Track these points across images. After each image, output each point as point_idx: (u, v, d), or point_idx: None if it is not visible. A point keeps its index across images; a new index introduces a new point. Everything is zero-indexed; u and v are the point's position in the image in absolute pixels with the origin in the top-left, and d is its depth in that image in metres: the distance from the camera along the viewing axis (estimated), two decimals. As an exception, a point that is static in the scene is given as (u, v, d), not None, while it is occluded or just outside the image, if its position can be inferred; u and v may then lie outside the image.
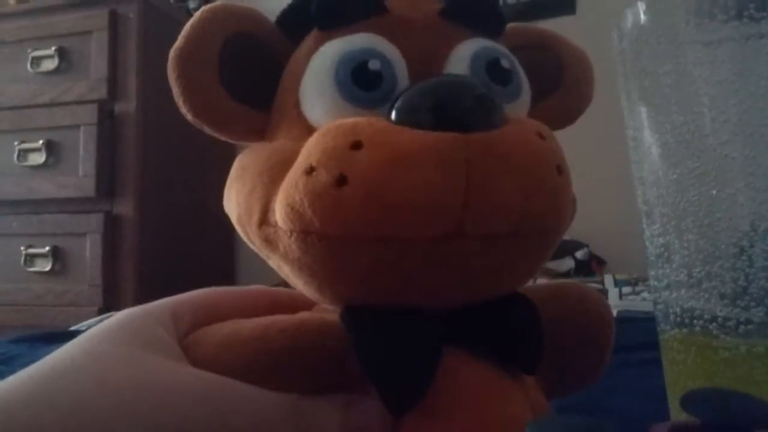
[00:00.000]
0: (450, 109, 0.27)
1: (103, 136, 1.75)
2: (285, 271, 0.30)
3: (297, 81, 0.31)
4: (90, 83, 1.78)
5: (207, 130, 0.32)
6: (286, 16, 0.33)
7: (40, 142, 1.77)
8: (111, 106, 1.77)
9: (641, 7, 0.35)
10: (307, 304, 0.32)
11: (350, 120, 0.27)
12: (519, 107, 0.32)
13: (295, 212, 0.26)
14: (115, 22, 1.79)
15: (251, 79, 0.32)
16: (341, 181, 0.25)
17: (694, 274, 0.34)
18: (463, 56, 0.31)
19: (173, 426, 0.24)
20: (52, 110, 1.80)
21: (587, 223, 1.86)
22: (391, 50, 0.30)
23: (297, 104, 0.31)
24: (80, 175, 1.74)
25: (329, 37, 0.31)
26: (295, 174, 0.27)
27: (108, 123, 1.76)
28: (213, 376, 0.26)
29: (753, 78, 0.32)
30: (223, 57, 0.31)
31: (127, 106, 1.77)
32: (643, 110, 0.36)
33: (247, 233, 0.31)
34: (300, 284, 0.30)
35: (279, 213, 0.27)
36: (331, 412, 0.27)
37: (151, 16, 1.84)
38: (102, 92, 1.77)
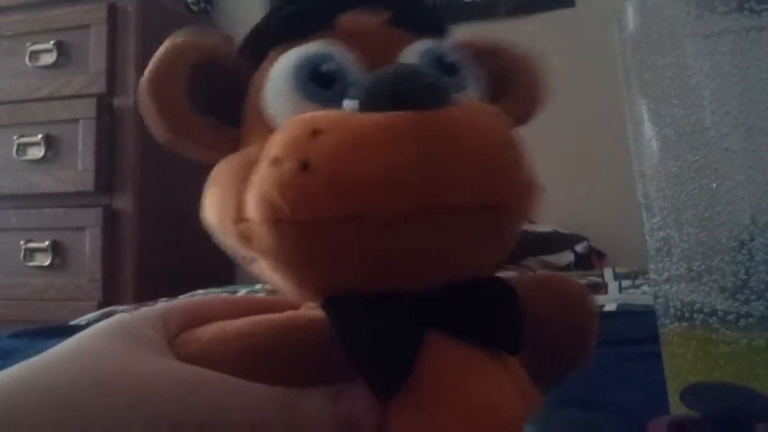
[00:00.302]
0: (401, 91, 0.28)
1: (102, 131, 1.75)
2: (265, 270, 0.31)
3: (259, 91, 0.33)
4: (89, 77, 1.78)
5: (182, 151, 0.34)
6: (246, 43, 0.36)
7: (39, 136, 1.77)
8: (110, 100, 1.77)
9: (641, 0, 0.35)
10: (293, 308, 0.33)
11: (309, 113, 0.29)
12: (468, 97, 0.33)
13: (265, 202, 0.27)
14: (113, 16, 1.79)
15: (219, 102, 0.34)
16: (305, 166, 0.27)
17: (694, 268, 0.34)
18: (412, 54, 0.33)
19: (163, 416, 0.24)
20: (51, 104, 1.79)
21: (587, 217, 1.87)
22: (344, 52, 0.33)
23: (261, 111, 0.33)
24: (79, 169, 1.74)
25: (286, 50, 0.33)
26: (262, 166, 0.28)
27: (107, 117, 1.76)
28: (201, 369, 0.26)
29: (753, 71, 0.32)
30: (191, 83, 0.33)
31: (126, 100, 1.76)
32: (643, 103, 0.36)
33: (225, 235, 0.32)
34: (279, 279, 0.31)
35: (251, 204, 0.28)
36: (319, 400, 0.27)
37: (150, 10, 1.84)
38: (101, 86, 1.76)
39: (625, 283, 1.12)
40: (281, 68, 0.32)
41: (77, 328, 1.03)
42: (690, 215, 0.34)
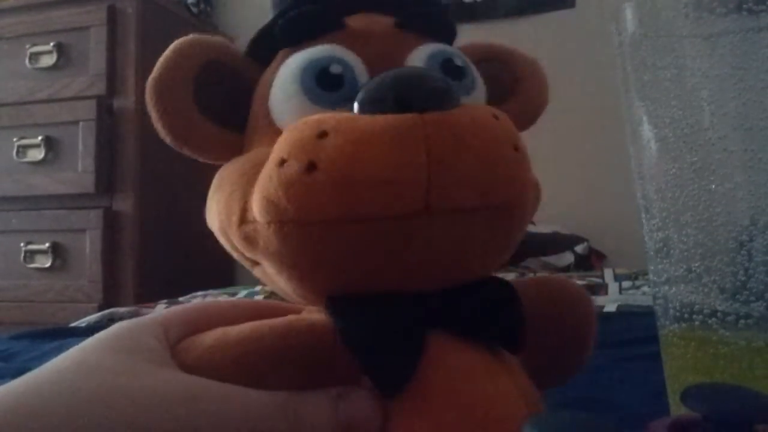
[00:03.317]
0: (408, 93, 0.28)
1: (102, 132, 1.75)
2: (268, 272, 0.31)
3: (266, 94, 0.33)
4: (89, 79, 1.78)
5: (187, 152, 0.33)
6: (254, 43, 0.36)
7: (39, 138, 1.77)
8: (110, 101, 1.77)
9: (640, 1, 0.35)
10: (294, 312, 0.33)
11: (315, 116, 0.29)
12: (474, 101, 0.34)
13: (270, 203, 0.28)
14: (113, 17, 1.79)
15: (226, 103, 0.34)
16: (311, 167, 0.27)
17: (694, 269, 0.34)
18: (419, 57, 0.33)
19: (161, 430, 0.24)
20: (51, 106, 1.79)
21: (587, 218, 1.87)
22: (350, 55, 0.32)
23: (267, 114, 0.33)
24: (79, 170, 1.74)
25: (293, 52, 0.33)
26: (268, 168, 0.28)
27: (107, 118, 1.76)
28: (201, 379, 0.26)
29: (752, 71, 0.32)
30: (198, 83, 0.33)
31: (126, 101, 1.76)
32: (642, 104, 0.36)
33: (229, 239, 0.32)
34: (283, 281, 0.31)
35: (256, 206, 0.28)
36: (321, 404, 0.27)
37: (150, 11, 1.84)
38: (101, 88, 1.76)
39: (625, 284, 1.12)
40: (288, 70, 0.32)
41: (77, 330, 1.03)
42: (689, 216, 0.34)
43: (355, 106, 0.29)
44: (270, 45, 0.34)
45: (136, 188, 1.76)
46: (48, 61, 1.81)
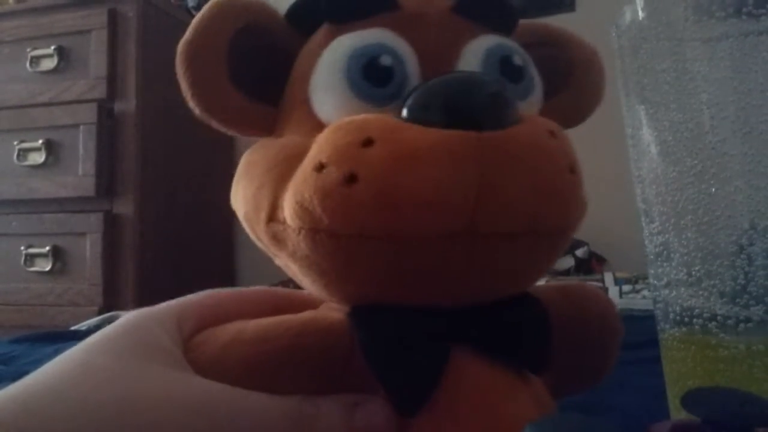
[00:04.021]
0: (462, 107, 0.26)
1: (102, 135, 1.75)
2: (292, 269, 0.30)
3: (307, 76, 0.30)
4: (89, 82, 1.78)
5: (215, 124, 0.31)
6: (296, 9, 0.33)
7: (40, 141, 1.77)
8: (111, 105, 1.77)
9: (640, 4, 0.35)
10: (312, 304, 0.32)
11: (361, 117, 0.27)
12: (531, 105, 0.32)
13: (304, 210, 0.26)
14: (114, 21, 1.79)
15: (261, 73, 0.32)
16: (351, 178, 0.25)
17: (694, 273, 0.34)
18: (475, 52, 0.31)
19: None
20: (52, 109, 1.79)
21: (587, 221, 1.87)
22: (402, 46, 0.30)
23: (307, 100, 0.30)
24: (80, 174, 1.74)
25: (340, 32, 0.30)
26: (304, 171, 0.27)
27: (108, 122, 1.76)
28: (212, 384, 0.26)
29: (752, 75, 0.32)
30: (232, 51, 0.30)
31: (127, 105, 1.77)
32: (642, 108, 0.36)
33: (254, 230, 0.30)
34: (308, 282, 0.30)
35: (288, 210, 0.27)
36: (334, 414, 0.26)
37: (151, 15, 1.84)
38: (101, 91, 1.76)
39: (626, 287, 1.12)
40: (334, 57, 0.30)
41: (78, 333, 1.03)
42: (689, 220, 0.34)
43: (404, 111, 0.27)
44: (313, 15, 0.32)
45: (136, 192, 1.76)
46: (49, 64, 1.81)
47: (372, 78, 0.29)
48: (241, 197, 0.31)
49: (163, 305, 0.30)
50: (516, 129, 0.27)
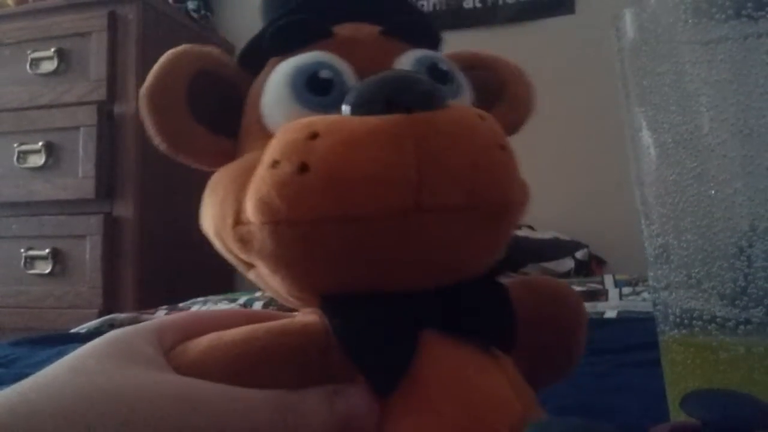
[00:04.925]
0: (396, 94, 0.29)
1: (102, 138, 1.75)
2: (263, 275, 0.32)
3: (257, 100, 0.34)
4: (89, 84, 1.78)
5: (182, 159, 0.34)
6: (244, 53, 0.37)
7: (40, 143, 1.77)
8: (110, 107, 1.78)
9: (639, 7, 0.35)
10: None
11: (306, 118, 0.30)
12: (461, 104, 0.34)
13: (264, 204, 0.28)
14: (114, 23, 1.80)
15: (218, 111, 0.35)
16: (303, 168, 0.27)
17: (693, 275, 0.34)
18: (406, 62, 0.34)
19: (154, 429, 0.24)
20: (52, 112, 1.80)
21: (587, 224, 1.87)
22: (339, 62, 0.33)
23: (259, 119, 0.33)
24: (80, 176, 1.74)
25: (283, 60, 0.34)
26: (261, 169, 0.29)
27: (107, 124, 1.76)
28: (195, 380, 0.26)
29: (751, 77, 0.32)
30: (191, 92, 0.33)
31: (127, 107, 1.77)
32: (642, 110, 0.36)
33: (224, 242, 0.32)
34: (278, 282, 0.31)
35: (250, 207, 0.29)
36: (317, 401, 0.27)
37: (151, 17, 1.85)
38: (101, 93, 1.77)
39: (626, 290, 1.12)
40: (279, 76, 0.33)
41: (77, 336, 1.03)
42: (688, 222, 0.34)
43: (345, 108, 0.30)
44: (260, 55, 0.35)
45: (136, 194, 1.76)
46: (49, 66, 1.82)
47: (315, 89, 0.32)
48: (209, 215, 0.33)
49: (143, 323, 0.32)
50: (446, 110, 0.29)
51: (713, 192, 0.33)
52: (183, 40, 0.35)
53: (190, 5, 2.18)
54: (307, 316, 0.31)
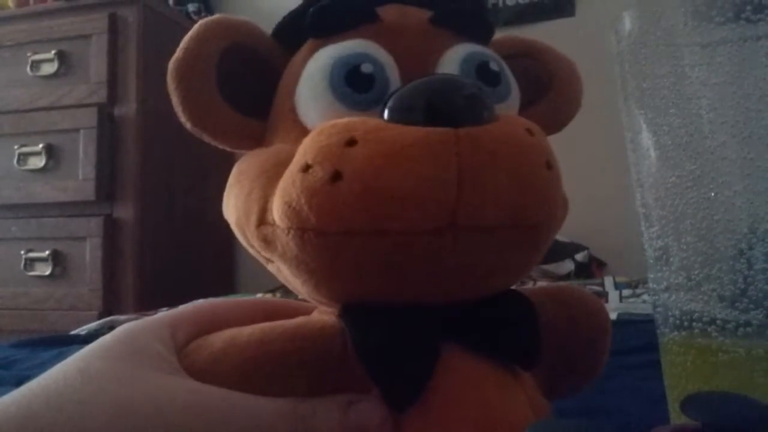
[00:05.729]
0: (441, 105, 0.27)
1: (102, 140, 1.75)
2: (283, 272, 0.31)
3: (292, 87, 0.32)
4: (90, 86, 1.78)
5: (206, 138, 0.32)
6: (281, 27, 0.34)
7: (40, 145, 1.77)
8: (111, 109, 1.77)
9: (639, 10, 0.35)
10: (304, 312, 0.32)
11: (344, 120, 0.28)
12: (509, 107, 0.33)
13: (291, 209, 0.27)
14: (114, 26, 1.80)
15: (249, 88, 0.33)
16: (336, 177, 0.26)
17: (693, 277, 0.34)
18: (453, 59, 0.32)
19: None
20: (52, 114, 1.79)
21: (587, 226, 1.87)
22: (382, 54, 0.31)
23: (293, 109, 0.31)
24: (80, 178, 1.74)
25: (323, 45, 0.31)
26: (291, 172, 0.28)
27: (108, 126, 1.76)
28: (208, 387, 0.26)
29: (751, 80, 0.32)
30: (220, 67, 0.32)
31: (127, 109, 1.77)
32: (641, 112, 0.36)
33: (245, 236, 0.31)
34: (298, 284, 0.30)
35: (276, 211, 0.28)
36: (330, 413, 0.27)
37: (151, 19, 1.84)
38: (102, 95, 1.77)
39: (626, 292, 1.12)
40: (317, 66, 0.31)
41: (78, 338, 1.03)
42: (688, 224, 0.34)
43: (385, 112, 0.29)
44: (298, 32, 0.33)
45: (136, 196, 1.76)
46: (49, 68, 1.82)
47: (354, 84, 0.30)
48: (233, 205, 0.31)
49: (157, 316, 0.31)
50: (493, 125, 0.28)
51: (713, 194, 0.33)
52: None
53: (191, 7, 2.18)
54: (324, 315, 0.30)
